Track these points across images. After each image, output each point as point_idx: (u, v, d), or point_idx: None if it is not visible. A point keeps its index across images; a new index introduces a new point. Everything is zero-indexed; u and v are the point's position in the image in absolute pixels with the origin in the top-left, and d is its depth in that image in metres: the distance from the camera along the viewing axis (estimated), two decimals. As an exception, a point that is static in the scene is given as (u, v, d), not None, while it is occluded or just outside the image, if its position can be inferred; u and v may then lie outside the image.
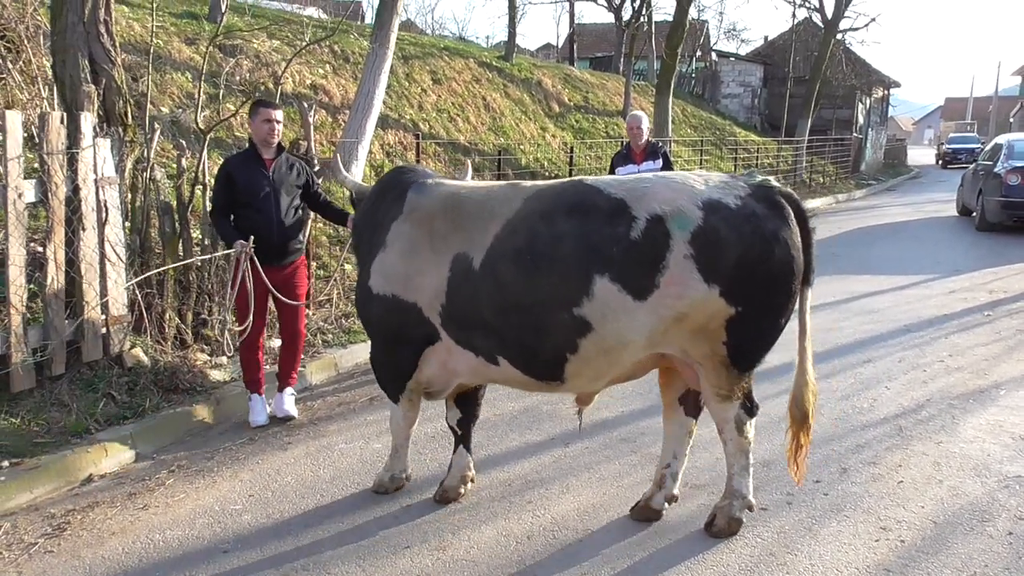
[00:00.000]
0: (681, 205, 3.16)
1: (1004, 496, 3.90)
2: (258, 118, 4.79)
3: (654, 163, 7.33)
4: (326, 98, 10.42)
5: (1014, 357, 6.21)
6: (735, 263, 3.12)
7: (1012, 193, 12.83)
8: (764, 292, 3.21)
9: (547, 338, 3.29)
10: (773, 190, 3.30)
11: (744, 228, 3.13)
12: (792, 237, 3.22)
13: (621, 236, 3.15)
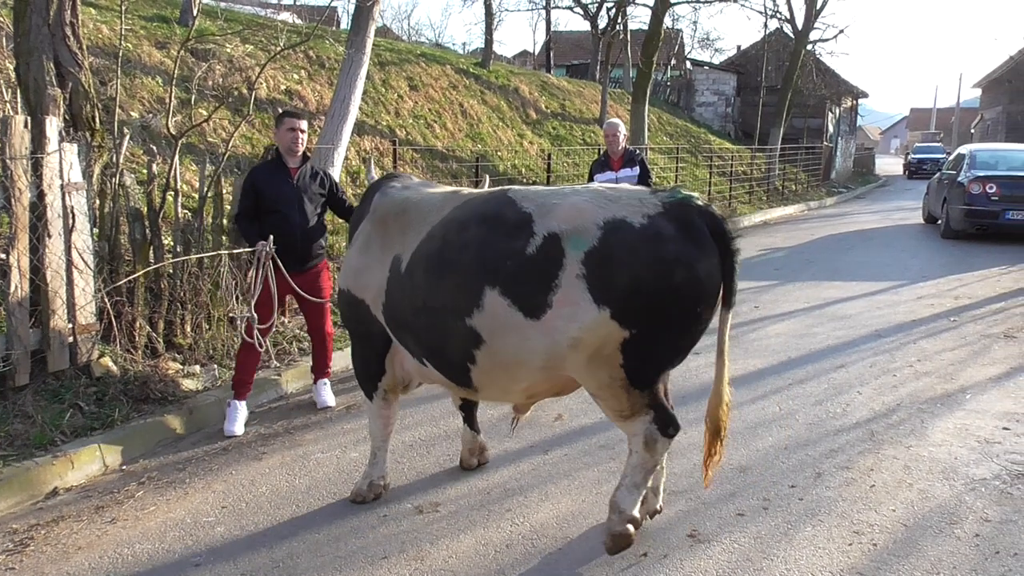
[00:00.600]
0: (580, 223, 3.07)
1: (971, 499, 3.96)
2: (283, 127, 4.98)
3: (631, 170, 7.37)
4: (301, 104, 10.35)
5: (979, 362, 6.32)
6: (628, 285, 2.98)
7: (975, 202, 13.08)
8: (661, 315, 3.04)
9: (448, 345, 3.38)
10: (690, 209, 3.11)
11: (642, 249, 2.98)
12: (701, 259, 3.03)
13: (517, 251, 3.13)
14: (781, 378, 5.92)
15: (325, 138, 9.00)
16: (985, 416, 5.11)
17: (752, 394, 5.57)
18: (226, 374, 5.49)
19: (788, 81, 25.06)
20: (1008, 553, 3.45)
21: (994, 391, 5.61)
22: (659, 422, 3.27)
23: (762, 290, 9.31)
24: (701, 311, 3.12)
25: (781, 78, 26.32)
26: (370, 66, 11.84)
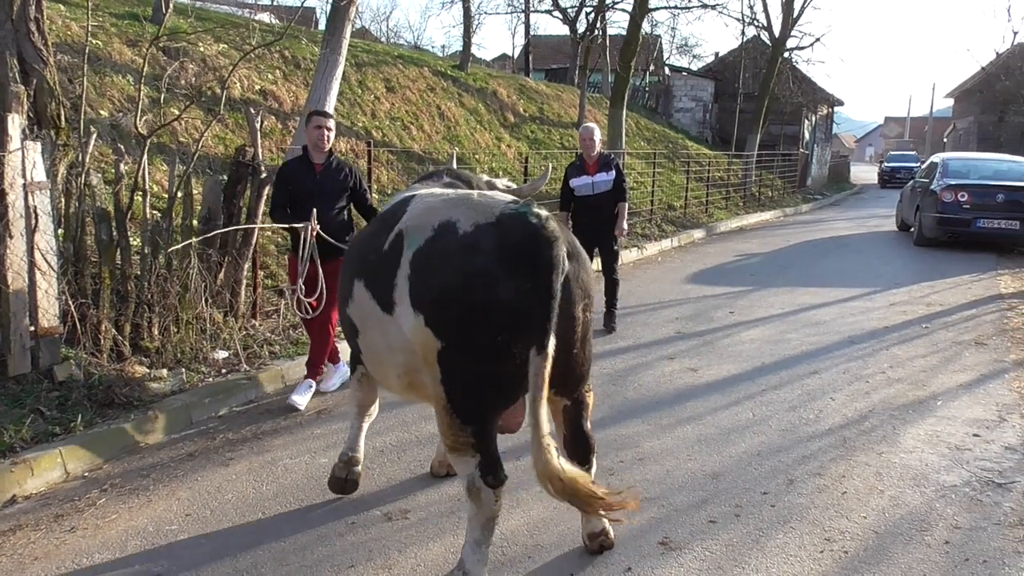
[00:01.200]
0: (421, 223, 2.98)
1: (941, 505, 3.97)
2: (311, 125, 5.30)
3: (607, 175, 7.37)
4: (276, 104, 10.25)
5: (950, 368, 6.36)
6: (436, 293, 2.82)
7: (947, 210, 13.24)
8: (464, 334, 2.80)
9: (346, 333, 3.56)
10: (519, 224, 2.79)
11: (454, 258, 2.81)
12: (504, 281, 2.72)
13: (376, 246, 3.16)
14: (755, 384, 5.92)
15: (300, 139, 8.91)
16: (956, 423, 5.14)
17: (726, 400, 5.56)
18: (194, 377, 5.39)
19: (765, 88, 25.26)
20: (977, 560, 3.45)
21: (965, 398, 5.65)
22: (482, 468, 2.94)
23: (737, 296, 9.34)
24: (502, 340, 2.75)
25: (758, 85, 26.52)
26: (347, 67, 11.75)
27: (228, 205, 6.10)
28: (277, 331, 6.32)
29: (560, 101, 20.74)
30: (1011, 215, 12.91)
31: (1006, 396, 5.70)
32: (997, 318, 8.27)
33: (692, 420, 5.14)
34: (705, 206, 18.14)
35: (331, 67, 9.05)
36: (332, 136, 5.29)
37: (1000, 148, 25.86)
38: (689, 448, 4.68)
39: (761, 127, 25.54)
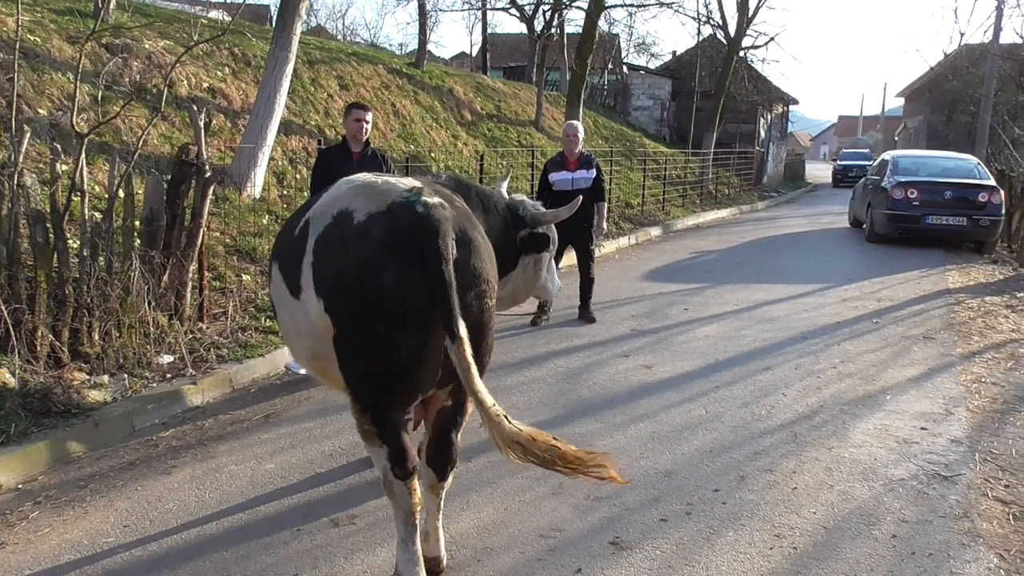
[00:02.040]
0: (325, 210, 2.98)
1: (889, 499, 4.00)
2: (350, 117, 5.72)
3: (587, 173, 7.38)
4: (225, 102, 10.03)
5: (899, 363, 6.45)
6: (332, 280, 2.82)
7: (897, 207, 13.48)
8: (352, 318, 2.79)
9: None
10: (407, 212, 2.79)
11: (348, 245, 2.80)
12: (389, 269, 2.71)
13: (291, 231, 3.14)
14: (708, 381, 5.93)
15: (249, 137, 8.77)
16: (904, 416, 5.21)
17: (679, 397, 5.56)
18: (137, 383, 5.23)
19: (721, 87, 25.50)
20: (923, 554, 3.49)
21: (913, 391, 5.73)
22: (390, 459, 2.91)
23: (692, 292, 9.38)
24: (385, 329, 2.73)
25: (715, 84, 26.77)
26: (299, 65, 11.58)
27: (172, 205, 5.94)
28: (225, 334, 6.17)
29: (518, 99, 20.70)
30: (958, 212, 13.19)
31: (953, 389, 5.79)
32: (945, 312, 8.43)
33: (645, 418, 5.13)
34: (662, 204, 18.24)
35: (281, 64, 8.92)
36: (369, 128, 5.72)
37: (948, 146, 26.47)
38: (642, 446, 4.67)
39: (718, 125, 25.77)
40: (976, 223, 13.15)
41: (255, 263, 7.59)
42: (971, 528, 3.73)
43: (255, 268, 7.48)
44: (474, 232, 2.94)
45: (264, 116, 8.83)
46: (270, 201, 8.89)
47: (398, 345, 2.73)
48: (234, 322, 6.39)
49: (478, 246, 2.91)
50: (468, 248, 2.85)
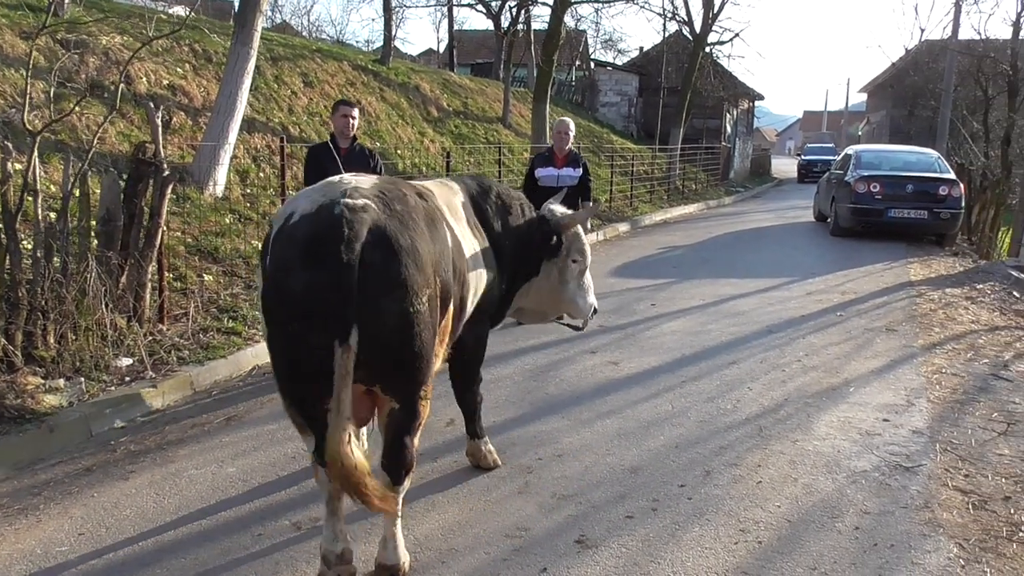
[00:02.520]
0: (282, 210, 3.12)
1: (852, 491, 4.04)
2: (337, 114, 5.86)
3: (574, 171, 7.36)
4: (186, 99, 9.87)
5: (862, 355, 6.53)
6: (264, 277, 2.94)
7: (861, 200, 13.64)
8: (270, 317, 2.88)
9: None
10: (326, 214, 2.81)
11: (275, 245, 2.92)
12: (298, 271, 2.73)
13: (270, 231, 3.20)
14: (675, 376, 5.95)
15: (211, 135, 8.63)
16: (867, 408, 5.26)
17: (646, 392, 5.57)
18: (95, 387, 5.11)
19: (687, 82, 25.64)
20: (885, 545, 3.52)
21: (875, 383, 5.80)
22: (317, 449, 2.97)
23: (659, 288, 9.42)
24: (295, 329, 2.75)
25: (681, 79, 26.92)
26: (262, 61, 11.43)
27: (129, 205, 5.81)
28: (186, 335, 6.06)
29: (484, 95, 20.65)
30: (919, 205, 13.39)
31: (914, 380, 5.87)
32: (907, 305, 8.55)
33: (612, 414, 5.13)
34: (630, 200, 18.30)
35: (243, 61, 8.80)
36: (356, 123, 5.84)
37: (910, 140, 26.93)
38: (608, 443, 4.66)
39: (684, 121, 25.93)
40: (937, 216, 13.36)
41: (217, 263, 7.47)
42: (932, 518, 3.77)
43: (217, 268, 7.36)
44: (403, 236, 2.85)
45: (226, 114, 8.70)
46: (233, 200, 8.76)
47: (311, 344, 2.71)
48: (195, 323, 6.28)
49: (404, 250, 2.83)
50: (388, 251, 2.79)
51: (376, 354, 2.77)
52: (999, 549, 3.51)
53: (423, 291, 2.87)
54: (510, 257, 4.03)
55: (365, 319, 2.69)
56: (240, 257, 7.78)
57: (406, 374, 2.94)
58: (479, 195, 4.02)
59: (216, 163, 8.63)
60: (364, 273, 2.69)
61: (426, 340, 2.91)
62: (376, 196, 2.94)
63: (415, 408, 3.05)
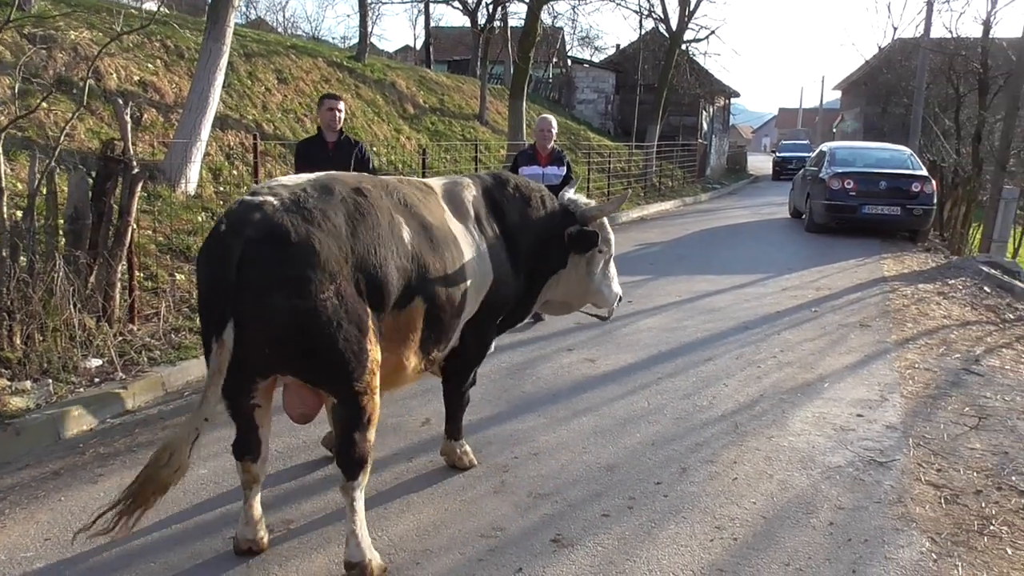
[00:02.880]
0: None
1: (827, 487, 4.06)
2: (323, 107, 5.93)
3: (558, 169, 7.33)
4: (157, 96, 9.73)
5: (837, 351, 6.57)
6: None
7: (835, 197, 13.76)
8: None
9: None
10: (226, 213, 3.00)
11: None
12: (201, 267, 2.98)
13: None
14: (651, 372, 5.95)
15: (183, 132, 8.52)
16: (841, 404, 5.29)
17: (622, 390, 5.57)
18: (63, 389, 5.02)
19: (664, 80, 25.75)
20: (859, 540, 3.53)
21: (850, 379, 5.84)
22: (235, 438, 3.21)
23: (636, 284, 9.42)
24: (203, 321, 3.00)
25: (658, 77, 27.01)
26: (235, 58, 11.31)
27: (98, 203, 5.71)
28: (157, 335, 5.97)
29: (461, 92, 20.59)
30: (893, 202, 13.53)
31: (888, 376, 5.92)
32: (880, 300, 8.63)
33: (588, 412, 5.12)
34: (607, 197, 18.32)
35: (215, 57, 8.69)
36: (343, 116, 5.94)
37: (884, 137, 27.18)
38: (584, 441, 4.65)
39: (661, 118, 26.04)
40: (910, 212, 13.51)
41: (189, 262, 7.37)
42: (905, 513, 3.79)
43: (189, 267, 7.26)
44: (298, 232, 2.83)
45: (198, 110, 8.58)
46: (205, 198, 8.66)
47: (207, 338, 2.89)
48: (167, 323, 6.19)
49: (296, 246, 2.81)
50: (276, 248, 2.79)
51: (275, 348, 2.85)
52: (970, 543, 3.54)
53: (325, 286, 2.83)
54: (530, 251, 4.03)
55: (252, 314, 2.79)
56: (213, 256, 7.67)
57: (323, 369, 2.95)
58: (495, 188, 4.03)
59: (188, 160, 8.51)
60: (251, 269, 2.76)
61: (337, 335, 2.88)
62: (290, 194, 2.96)
63: (356, 403, 3.03)
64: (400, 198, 3.40)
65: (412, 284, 3.23)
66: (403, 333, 3.24)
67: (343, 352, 2.91)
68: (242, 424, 3.15)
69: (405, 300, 3.20)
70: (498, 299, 3.88)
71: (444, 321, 3.50)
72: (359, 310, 2.95)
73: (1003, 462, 4.42)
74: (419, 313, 3.29)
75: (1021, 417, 5.15)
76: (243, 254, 2.76)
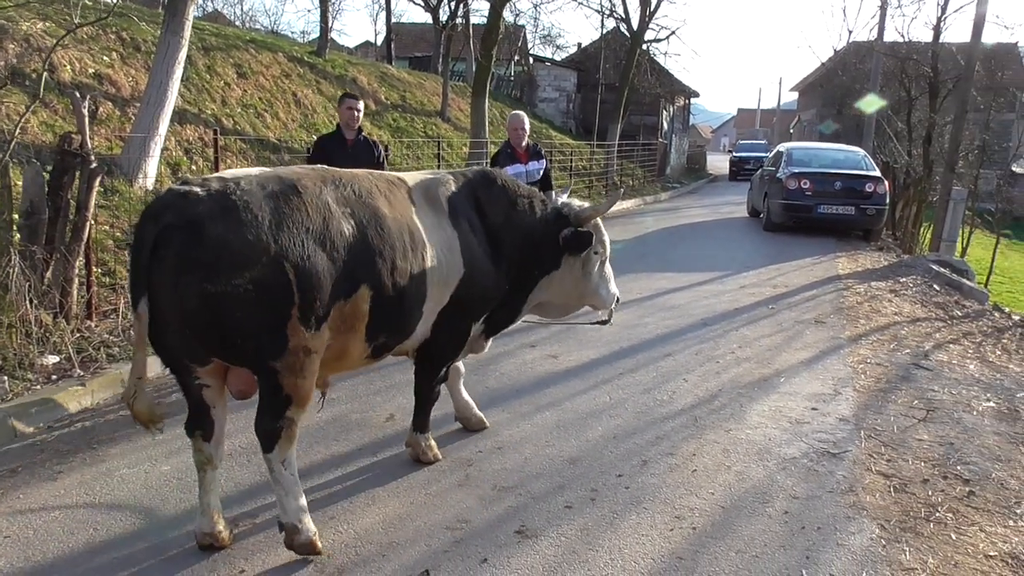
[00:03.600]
0: None
1: (782, 477, 4.18)
2: (343, 106, 6.17)
3: (538, 163, 7.34)
4: (113, 89, 9.56)
5: (792, 346, 6.74)
6: None
7: (792, 196, 14.02)
8: None
9: None
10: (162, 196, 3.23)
11: None
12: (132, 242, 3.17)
13: None
14: (612, 368, 6.04)
15: (140, 127, 8.40)
16: (796, 398, 5.44)
17: (584, 385, 5.65)
18: (19, 386, 4.94)
19: (625, 79, 25.96)
20: (813, 528, 3.65)
21: (805, 374, 5.99)
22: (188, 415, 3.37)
23: (598, 282, 9.51)
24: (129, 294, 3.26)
25: (619, 76, 27.22)
26: (193, 51, 11.15)
27: (54, 198, 5.62)
28: (116, 332, 5.90)
29: (423, 89, 20.54)
30: (847, 201, 13.84)
31: (841, 370, 6.08)
32: (835, 297, 8.84)
33: (551, 406, 5.19)
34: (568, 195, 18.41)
35: (173, 50, 8.57)
36: (360, 115, 6.18)
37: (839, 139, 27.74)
38: (548, 434, 4.72)
39: (622, 117, 26.24)
40: (863, 212, 13.83)
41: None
42: (856, 501, 3.93)
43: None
44: (216, 222, 2.95)
45: (156, 104, 8.46)
46: (164, 193, 8.53)
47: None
48: (126, 319, 6.11)
49: (209, 235, 2.94)
50: (189, 234, 2.94)
51: (190, 329, 3.02)
52: (917, 529, 3.68)
53: (237, 274, 2.95)
54: (516, 251, 4.10)
55: (164, 294, 2.96)
56: (172, 251, 7.59)
57: (238, 351, 3.09)
58: (479, 185, 4.10)
59: (146, 155, 8.39)
60: (165, 252, 2.93)
61: (250, 320, 3.00)
62: (219, 185, 3.08)
63: (275, 383, 3.15)
64: (354, 191, 3.46)
65: (354, 274, 3.29)
66: (349, 321, 3.32)
67: (257, 336, 3.04)
68: (191, 402, 3.31)
69: (348, 289, 3.27)
70: (472, 294, 3.92)
71: (396, 310, 3.55)
72: (277, 297, 3.03)
73: (949, 452, 4.59)
74: (364, 301, 3.35)
75: (967, 410, 5.34)
76: (158, 238, 2.93)
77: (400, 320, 3.62)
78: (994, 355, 7.12)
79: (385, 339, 3.60)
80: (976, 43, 14.34)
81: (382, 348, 3.66)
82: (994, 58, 21.70)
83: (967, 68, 14.68)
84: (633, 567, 3.31)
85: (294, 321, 3.07)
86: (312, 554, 3.29)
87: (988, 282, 16.75)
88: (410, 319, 3.69)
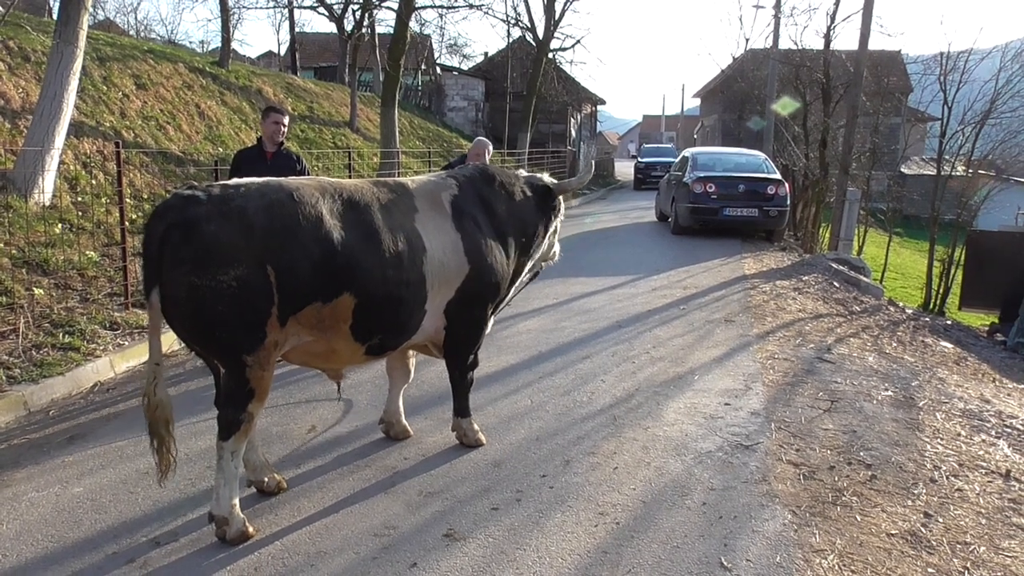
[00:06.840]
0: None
1: (699, 471, 4.34)
2: (268, 120, 6.10)
3: None
4: (2, 101, 9.11)
5: (704, 345, 6.99)
6: None
7: (698, 200, 14.44)
8: None
9: None
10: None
11: None
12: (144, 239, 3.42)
13: None
14: (532, 372, 6.14)
15: (34, 140, 8.05)
16: (710, 394, 5.64)
17: (505, 389, 5.72)
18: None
19: (532, 88, 26.27)
20: (729, 517, 3.82)
21: (717, 371, 6.22)
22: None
23: (514, 288, 9.61)
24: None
25: (526, 85, 27.53)
26: (88, 62, 10.74)
27: (-55, 214, 5.33)
28: (16, 353, 5.62)
29: (330, 100, 20.30)
30: (751, 204, 14.33)
31: (751, 366, 6.34)
32: (742, 297, 9.20)
33: (473, 412, 5.12)
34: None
35: (67, 60, 8.24)
36: (285, 130, 6.14)
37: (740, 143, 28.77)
38: (472, 439, 4.75)
39: (531, 125, 26.53)
40: (766, 214, 14.36)
41: (48, 275, 6.97)
42: (769, 490, 4.12)
43: (48, 281, 6.87)
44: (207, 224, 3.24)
45: (50, 116, 8.11)
46: (62, 208, 8.19)
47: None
48: (26, 340, 5.85)
49: (199, 234, 3.23)
50: (183, 233, 3.23)
51: (179, 317, 3.33)
52: (826, 513, 3.90)
53: (222, 270, 3.23)
54: (519, 234, 4.54)
55: (165, 285, 3.26)
56: (74, 268, 7.29)
57: (208, 340, 3.39)
58: (482, 185, 4.47)
59: (41, 169, 8.03)
60: (166, 248, 3.23)
61: (229, 313, 3.26)
62: (220, 192, 3.37)
63: (238, 374, 3.40)
64: (351, 203, 3.70)
65: (337, 281, 3.52)
66: (327, 322, 3.58)
67: (235, 329, 3.30)
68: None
69: (328, 294, 3.52)
70: (481, 287, 4.27)
71: (390, 314, 3.81)
72: (259, 295, 3.29)
73: (852, 440, 4.87)
74: (346, 307, 3.59)
75: (867, 399, 5.66)
76: (163, 234, 3.24)
77: (397, 323, 3.88)
78: (890, 347, 7.57)
79: (381, 339, 3.86)
80: (863, 51, 15.17)
81: (380, 347, 3.90)
82: (880, 64, 22.91)
83: (856, 74, 15.48)
84: (560, 564, 3.39)
85: (273, 319, 3.36)
86: (244, 541, 3.48)
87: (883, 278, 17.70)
88: (409, 321, 3.96)
